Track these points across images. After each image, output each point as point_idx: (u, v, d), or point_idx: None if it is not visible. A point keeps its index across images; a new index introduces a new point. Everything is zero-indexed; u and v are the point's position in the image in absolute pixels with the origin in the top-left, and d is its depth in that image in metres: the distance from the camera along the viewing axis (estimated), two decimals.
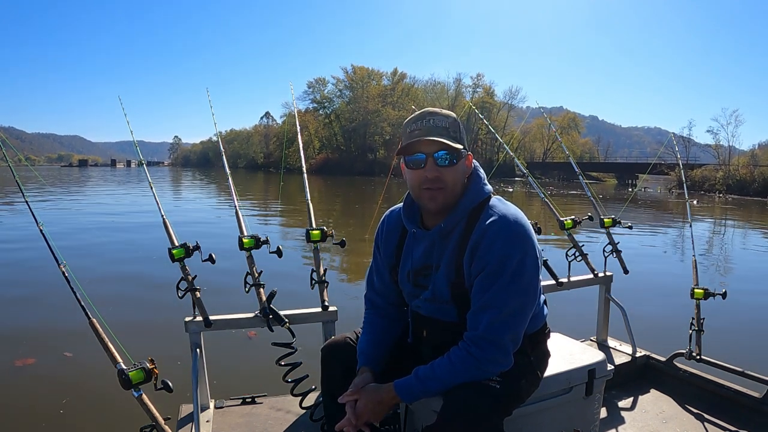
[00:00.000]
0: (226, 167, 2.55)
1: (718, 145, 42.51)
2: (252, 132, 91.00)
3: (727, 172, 35.21)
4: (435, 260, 1.43)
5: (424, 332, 1.52)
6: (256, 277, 2.07)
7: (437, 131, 1.35)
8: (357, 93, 66.98)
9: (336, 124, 68.07)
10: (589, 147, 76.00)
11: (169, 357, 3.34)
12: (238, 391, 2.31)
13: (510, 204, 1.41)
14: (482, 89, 68.03)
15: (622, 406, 2.39)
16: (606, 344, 2.86)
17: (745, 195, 30.73)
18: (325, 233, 2.19)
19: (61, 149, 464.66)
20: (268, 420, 2.10)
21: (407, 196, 1.49)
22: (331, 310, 2.09)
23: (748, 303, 5.59)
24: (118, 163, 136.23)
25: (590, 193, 3.02)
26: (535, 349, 1.49)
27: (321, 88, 69.45)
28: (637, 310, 3.33)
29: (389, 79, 69.65)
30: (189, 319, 1.96)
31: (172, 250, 1.96)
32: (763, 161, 36.62)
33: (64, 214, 13.01)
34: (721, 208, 22.23)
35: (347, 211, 16.44)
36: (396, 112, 62.52)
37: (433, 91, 68.70)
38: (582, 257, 2.76)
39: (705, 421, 2.25)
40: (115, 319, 4.15)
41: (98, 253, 7.69)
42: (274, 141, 77.99)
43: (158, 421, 1.62)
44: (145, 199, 17.36)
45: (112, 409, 2.86)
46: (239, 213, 2.24)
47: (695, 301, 2.53)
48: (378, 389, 1.37)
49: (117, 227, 10.89)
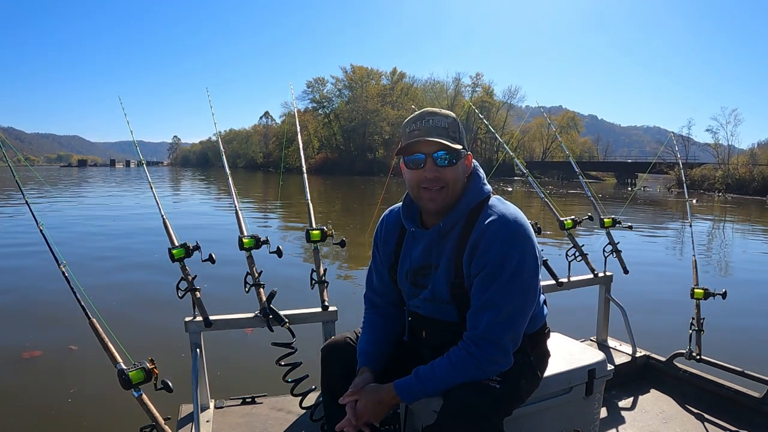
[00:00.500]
0: (226, 167, 2.55)
1: (718, 144, 42.58)
2: (251, 132, 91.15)
3: (726, 171, 35.23)
4: (434, 260, 1.43)
5: (424, 332, 1.52)
6: (256, 277, 2.07)
7: (437, 131, 1.35)
8: (356, 93, 67.00)
9: (335, 123, 68.07)
10: (589, 146, 75.99)
11: (169, 357, 3.34)
12: (238, 391, 2.31)
13: (509, 204, 1.41)
14: (481, 89, 68.12)
15: (622, 406, 2.39)
16: (606, 344, 2.86)
17: (745, 194, 30.76)
18: (325, 233, 2.19)
19: (61, 149, 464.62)
20: (268, 420, 2.10)
21: (406, 196, 1.49)
22: (331, 310, 2.09)
23: (749, 303, 5.59)
24: (118, 163, 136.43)
25: (590, 192, 3.02)
26: (535, 349, 1.50)
27: (320, 87, 69.61)
28: (637, 310, 3.33)
29: (388, 79, 69.75)
30: (189, 319, 1.96)
31: (172, 250, 1.96)
32: (762, 160, 36.64)
33: (63, 214, 13.00)
34: (721, 207, 22.23)
35: (346, 211, 16.43)
36: (395, 112, 62.54)
37: (432, 90, 68.69)
38: (582, 257, 2.76)
39: (705, 421, 2.25)
40: (115, 319, 4.15)
41: (98, 253, 7.68)
42: (273, 141, 78.06)
43: (158, 421, 1.62)
44: (145, 199, 17.38)
45: (112, 409, 2.86)
46: (239, 213, 2.24)
47: (695, 301, 2.53)
48: (378, 389, 1.38)
49: (117, 227, 10.88)
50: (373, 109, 63.97)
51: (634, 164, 53.55)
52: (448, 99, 65.07)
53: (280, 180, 36.53)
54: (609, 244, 2.85)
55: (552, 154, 64.14)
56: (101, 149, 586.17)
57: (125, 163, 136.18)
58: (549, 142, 64.21)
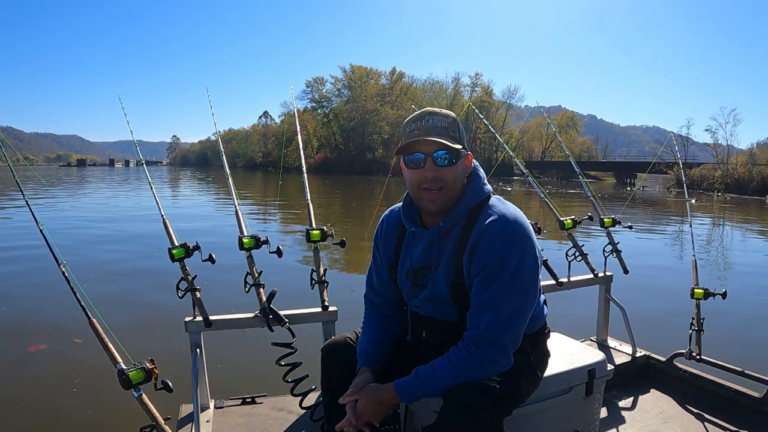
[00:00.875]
0: (226, 167, 2.55)
1: (717, 144, 42.55)
2: (250, 131, 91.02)
3: (725, 171, 35.22)
4: (434, 260, 1.43)
5: (424, 332, 1.52)
6: (256, 277, 2.06)
7: (436, 131, 1.35)
8: (355, 92, 66.97)
9: (334, 123, 68.02)
10: (588, 146, 75.87)
11: (169, 357, 3.34)
12: (238, 391, 2.31)
13: (509, 204, 1.41)
14: (480, 88, 67.91)
15: (622, 406, 2.38)
16: (606, 344, 2.86)
17: (744, 194, 30.77)
18: (325, 233, 2.19)
19: (60, 149, 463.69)
20: (268, 420, 2.10)
21: (406, 196, 1.49)
22: (331, 310, 2.08)
23: (749, 303, 5.59)
24: (117, 163, 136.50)
25: (590, 192, 3.02)
26: (535, 349, 1.49)
27: (319, 87, 69.56)
28: (637, 310, 3.33)
29: (387, 79, 69.66)
30: (189, 319, 1.96)
31: (172, 250, 1.96)
32: (761, 160, 36.65)
33: (62, 213, 13.00)
34: (720, 206, 22.22)
35: (345, 210, 16.42)
36: (394, 112, 62.48)
37: (432, 90, 68.59)
38: (582, 257, 2.76)
39: (705, 421, 2.25)
40: (115, 319, 4.15)
41: (98, 253, 7.68)
42: (272, 140, 78.02)
43: (158, 421, 1.62)
44: (144, 199, 17.36)
45: (112, 409, 2.86)
46: (239, 213, 2.23)
47: (695, 300, 2.53)
48: (378, 389, 1.37)
49: (116, 227, 10.88)
50: (372, 109, 63.96)
51: (634, 164, 53.52)
52: (448, 99, 64.92)
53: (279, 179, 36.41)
54: (609, 244, 2.85)
55: (551, 153, 64.07)
56: (100, 149, 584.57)
57: (124, 162, 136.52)
58: (548, 142, 64.15)
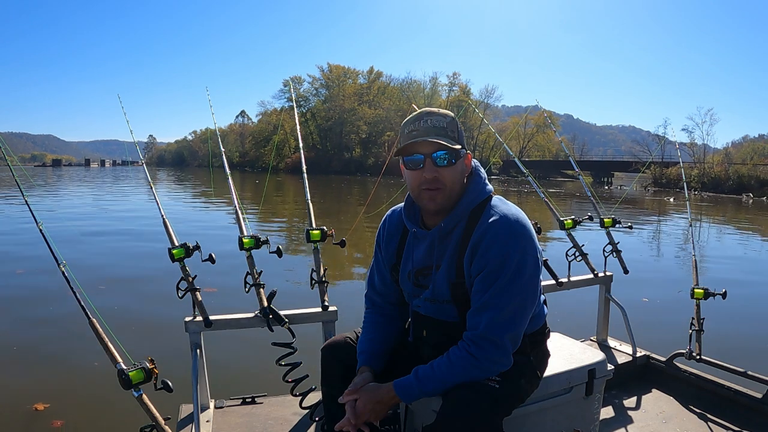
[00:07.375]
0: (226, 168, 2.55)
1: (693, 144, 42.60)
2: (227, 131, 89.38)
3: (702, 170, 35.23)
4: (435, 260, 1.43)
5: (424, 332, 1.52)
6: (256, 277, 2.07)
7: (435, 131, 1.35)
8: (333, 92, 66.38)
9: (312, 122, 66.94)
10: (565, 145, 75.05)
11: (169, 357, 3.34)
12: (238, 391, 2.31)
13: (511, 204, 1.41)
14: (458, 88, 66.41)
15: (623, 406, 2.38)
16: (606, 344, 2.86)
17: (720, 192, 30.80)
18: (325, 233, 2.19)
19: (35, 149, 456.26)
20: (268, 420, 2.10)
21: (408, 196, 1.50)
22: (331, 310, 2.09)
23: (749, 302, 5.58)
24: (92, 163, 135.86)
25: (590, 192, 3.02)
26: (535, 349, 1.49)
27: (297, 86, 68.37)
28: (637, 310, 3.32)
29: (365, 78, 68.80)
30: (189, 319, 1.96)
31: (172, 250, 1.96)
32: (736, 159, 36.70)
33: (58, 212, 12.98)
34: (697, 205, 22.03)
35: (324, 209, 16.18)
36: (372, 111, 62.11)
37: (409, 89, 67.23)
38: (582, 257, 2.76)
39: (705, 421, 2.25)
40: (115, 319, 4.16)
41: (97, 253, 7.68)
42: (249, 140, 77.12)
43: (158, 421, 1.62)
44: (143, 200, 17.34)
45: (112, 409, 2.86)
46: (239, 213, 2.24)
47: (695, 300, 2.53)
48: (377, 389, 1.37)
49: (116, 227, 10.88)
50: (350, 108, 63.37)
51: (611, 163, 53.70)
52: (425, 98, 63.38)
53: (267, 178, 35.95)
54: (609, 244, 2.85)
55: (528, 153, 62.85)
56: (76, 149, 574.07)
57: (100, 162, 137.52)
58: (525, 141, 63.25)
